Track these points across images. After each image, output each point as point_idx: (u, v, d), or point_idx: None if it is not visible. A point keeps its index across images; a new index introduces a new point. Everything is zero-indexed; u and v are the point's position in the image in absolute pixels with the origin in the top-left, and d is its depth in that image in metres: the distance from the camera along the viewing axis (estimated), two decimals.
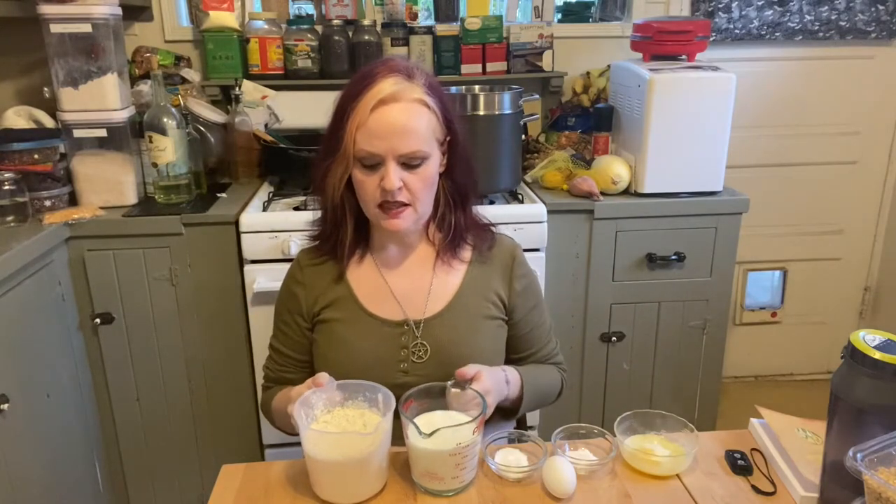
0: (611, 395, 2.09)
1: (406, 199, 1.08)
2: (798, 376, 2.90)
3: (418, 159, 1.08)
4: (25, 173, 1.75)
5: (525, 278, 1.23)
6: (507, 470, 1.00)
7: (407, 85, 1.07)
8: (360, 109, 1.05)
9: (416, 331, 1.16)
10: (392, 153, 1.05)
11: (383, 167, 1.06)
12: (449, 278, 1.19)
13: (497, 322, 1.21)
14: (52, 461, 1.69)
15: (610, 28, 2.44)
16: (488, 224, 1.24)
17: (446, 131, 1.13)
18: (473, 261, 1.21)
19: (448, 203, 1.18)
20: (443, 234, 1.19)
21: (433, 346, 1.15)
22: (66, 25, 1.74)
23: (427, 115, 1.09)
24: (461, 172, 1.17)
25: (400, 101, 1.06)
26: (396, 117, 1.05)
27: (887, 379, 0.82)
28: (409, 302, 1.17)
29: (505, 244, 1.24)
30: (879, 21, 2.46)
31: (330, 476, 0.95)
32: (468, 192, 1.19)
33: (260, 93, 2.19)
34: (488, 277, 1.21)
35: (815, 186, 2.67)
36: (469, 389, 1.01)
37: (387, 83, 1.06)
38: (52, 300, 1.73)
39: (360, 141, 1.05)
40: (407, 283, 1.18)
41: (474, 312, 1.18)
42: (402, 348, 1.15)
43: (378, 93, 1.05)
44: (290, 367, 1.23)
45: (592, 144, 2.14)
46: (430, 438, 0.91)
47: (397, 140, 1.05)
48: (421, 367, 1.14)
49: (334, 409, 1.01)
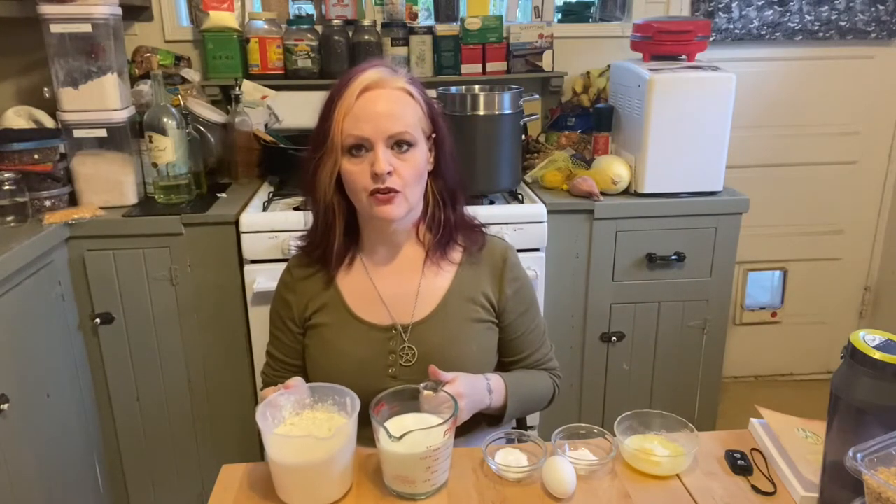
0: (611, 395, 2.09)
1: (397, 185, 1.08)
2: (798, 376, 2.90)
3: (406, 144, 1.08)
4: (25, 173, 1.75)
5: (517, 282, 1.23)
6: (507, 470, 1.00)
7: (391, 75, 1.10)
8: (345, 98, 1.07)
9: (404, 335, 1.16)
10: (380, 135, 1.06)
11: (372, 152, 1.07)
12: (437, 281, 1.19)
13: (486, 325, 1.20)
14: (52, 461, 1.69)
15: (610, 28, 2.44)
16: (479, 225, 1.24)
17: (431, 127, 1.13)
18: (463, 262, 1.20)
19: (437, 202, 1.18)
20: (432, 235, 1.19)
21: (421, 350, 1.15)
22: (66, 25, 1.74)
23: (412, 104, 1.10)
24: (449, 170, 1.17)
25: (384, 87, 1.08)
26: (382, 101, 1.07)
27: (887, 379, 0.82)
28: (397, 306, 1.17)
29: (496, 246, 1.23)
30: (879, 21, 2.46)
31: (292, 480, 0.95)
32: (456, 190, 1.19)
33: (260, 93, 2.19)
34: (477, 280, 1.20)
35: (815, 186, 2.67)
36: (442, 392, 1.01)
37: (371, 73, 1.08)
38: (52, 300, 1.73)
39: (347, 127, 1.06)
40: (395, 286, 1.18)
41: (462, 316, 1.18)
42: (391, 353, 1.15)
43: (363, 81, 1.07)
44: (284, 373, 1.22)
45: (592, 144, 2.14)
46: (400, 442, 0.91)
47: (384, 121, 1.06)
48: (409, 372, 1.14)
49: (303, 412, 1.01)
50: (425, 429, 0.92)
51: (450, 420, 0.95)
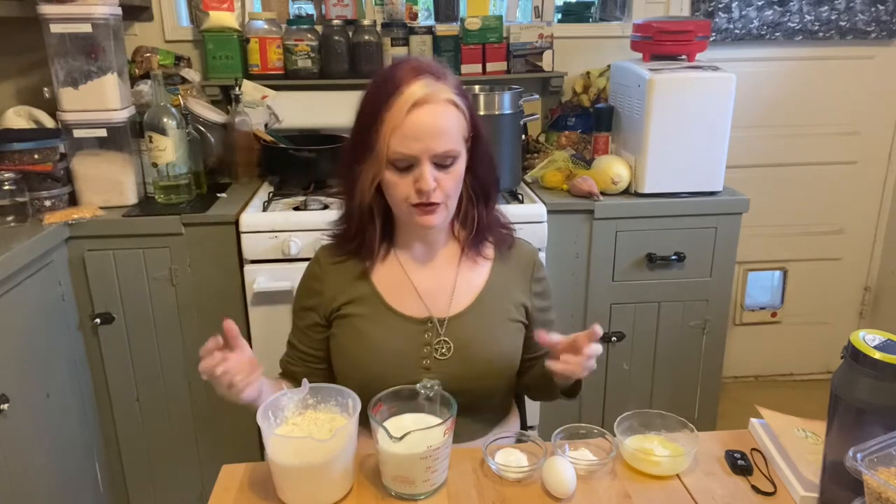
0: (611, 395, 2.09)
1: (439, 198, 1.09)
2: (798, 376, 2.90)
3: (451, 158, 1.08)
4: (25, 173, 1.75)
5: (543, 282, 1.26)
6: (507, 470, 1.00)
7: (438, 86, 1.07)
8: (394, 113, 1.04)
9: (440, 328, 1.16)
10: (427, 154, 1.06)
11: (417, 168, 1.07)
12: (473, 275, 1.20)
13: (517, 325, 1.21)
14: (52, 461, 1.69)
15: (610, 28, 2.44)
16: (509, 223, 1.25)
17: (470, 129, 1.13)
18: (496, 259, 1.22)
19: (471, 199, 1.18)
20: (467, 231, 1.20)
21: (456, 343, 1.15)
22: (66, 25, 1.74)
23: (457, 115, 1.09)
24: (484, 168, 1.17)
25: (432, 102, 1.06)
26: (431, 119, 1.05)
27: (887, 379, 0.82)
28: (433, 299, 1.17)
29: (525, 248, 1.25)
30: (879, 21, 2.46)
31: (291, 481, 0.95)
32: (490, 187, 1.20)
33: (260, 93, 2.19)
34: (510, 280, 1.22)
35: (815, 186, 2.67)
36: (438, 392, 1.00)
37: (418, 85, 1.05)
38: (52, 300, 1.73)
39: (394, 144, 1.05)
40: (431, 280, 1.19)
41: (498, 313, 1.19)
42: (425, 345, 1.15)
43: (411, 96, 1.04)
44: (303, 363, 1.23)
45: (592, 144, 2.14)
46: (400, 442, 0.91)
47: (432, 141, 1.05)
48: (443, 365, 1.14)
49: (306, 412, 1.01)
50: (425, 429, 0.92)
51: (449, 419, 0.95)
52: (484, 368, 1.16)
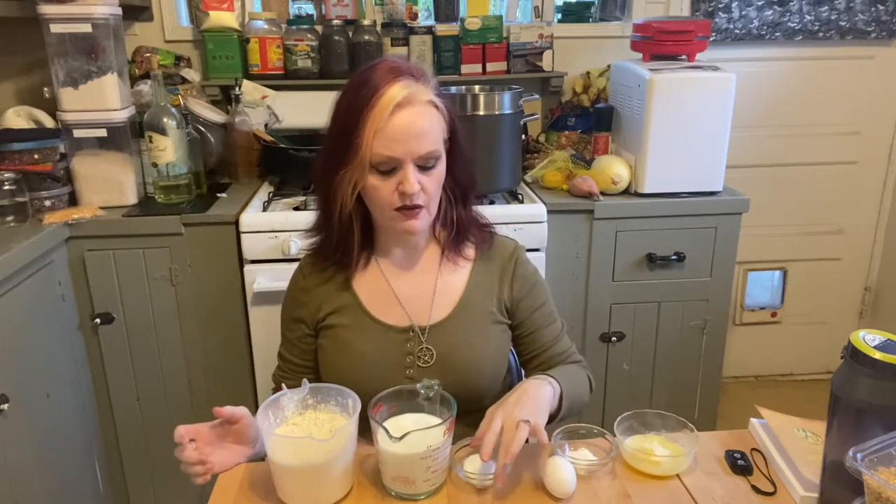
0: (611, 395, 2.09)
1: (422, 201, 1.08)
2: (798, 376, 2.90)
3: (433, 160, 1.08)
4: (25, 173, 1.75)
5: (528, 279, 1.23)
6: (472, 477, 0.98)
7: (417, 87, 1.06)
8: (375, 116, 1.03)
9: (422, 336, 1.16)
10: (410, 156, 1.05)
11: (399, 171, 1.06)
12: (454, 278, 1.19)
13: (501, 327, 1.21)
14: (52, 461, 1.69)
15: (610, 28, 2.44)
16: (487, 223, 1.24)
17: (449, 131, 1.13)
18: (477, 259, 1.21)
19: (450, 199, 1.18)
20: (447, 232, 1.20)
21: (439, 351, 1.15)
22: (66, 25, 1.74)
23: (437, 116, 1.09)
24: (461, 168, 1.17)
25: (414, 104, 1.05)
26: (413, 120, 1.05)
27: (887, 379, 0.82)
28: (415, 307, 1.17)
29: (506, 246, 1.24)
30: (879, 21, 2.46)
31: (291, 481, 0.95)
32: (468, 188, 1.19)
33: (260, 93, 2.19)
34: (491, 280, 1.20)
35: (815, 186, 2.67)
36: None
37: (398, 87, 1.04)
38: (52, 300, 1.73)
39: (377, 147, 1.04)
40: (412, 287, 1.18)
41: (479, 317, 1.18)
42: (408, 354, 1.15)
43: (392, 98, 1.03)
44: (295, 375, 1.22)
45: (592, 144, 2.14)
46: (400, 442, 0.91)
47: (414, 142, 1.05)
48: (426, 373, 1.14)
49: (306, 412, 1.01)
50: (425, 429, 0.92)
51: (449, 419, 0.95)
52: (468, 374, 1.15)
